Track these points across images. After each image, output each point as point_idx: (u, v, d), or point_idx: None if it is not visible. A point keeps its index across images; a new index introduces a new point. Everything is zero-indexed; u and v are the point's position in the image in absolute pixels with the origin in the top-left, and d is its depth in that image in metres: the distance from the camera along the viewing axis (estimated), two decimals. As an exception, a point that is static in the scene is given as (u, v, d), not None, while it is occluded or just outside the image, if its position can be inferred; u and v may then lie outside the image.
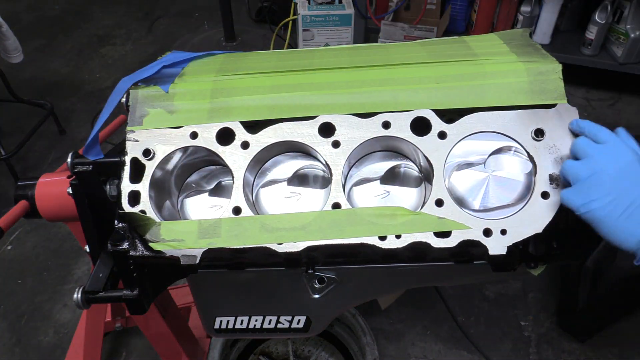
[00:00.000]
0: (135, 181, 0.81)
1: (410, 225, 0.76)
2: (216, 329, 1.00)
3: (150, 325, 1.37)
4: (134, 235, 0.80)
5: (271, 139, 0.82)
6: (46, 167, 2.67)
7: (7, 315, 2.01)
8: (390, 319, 1.96)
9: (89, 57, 3.52)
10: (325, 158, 0.81)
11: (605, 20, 2.70)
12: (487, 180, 0.81)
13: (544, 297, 2.03)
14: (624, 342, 1.88)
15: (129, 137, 0.83)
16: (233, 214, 0.79)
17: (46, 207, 1.01)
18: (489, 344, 1.88)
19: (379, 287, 0.97)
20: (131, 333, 1.92)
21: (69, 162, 0.85)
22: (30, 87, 3.20)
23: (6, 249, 2.27)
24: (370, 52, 0.96)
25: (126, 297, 0.83)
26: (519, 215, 0.76)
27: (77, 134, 2.87)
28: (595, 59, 2.85)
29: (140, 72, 0.89)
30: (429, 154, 0.79)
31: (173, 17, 3.96)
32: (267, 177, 0.88)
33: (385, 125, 0.81)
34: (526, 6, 2.85)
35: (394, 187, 0.86)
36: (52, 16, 4.00)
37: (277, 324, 0.99)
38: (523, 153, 0.80)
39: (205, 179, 0.92)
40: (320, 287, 0.91)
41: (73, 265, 2.19)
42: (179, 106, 0.85)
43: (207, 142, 0.83)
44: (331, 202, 0.78)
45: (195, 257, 0.78)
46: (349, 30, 2.85)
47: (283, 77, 0.87)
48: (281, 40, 3.37)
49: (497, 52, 0.88)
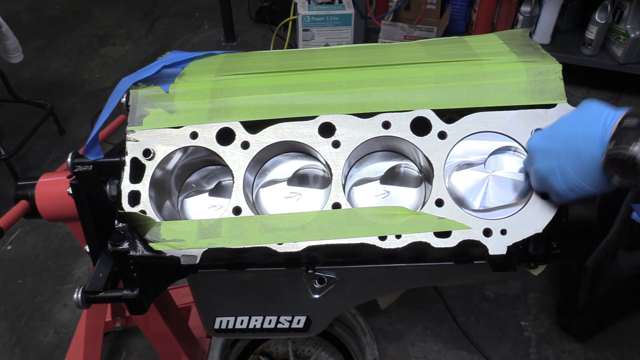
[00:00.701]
0: (135, 181, 0.81)
1: (410, 225, 0.76)
2: (216, 329, 1.00)
3: (150, 325, 1.37)
4: (134, 235, 0.80)
5: (271, 139, 0.82)
6: (46, 167, 2.67)
7: (7, 315, 2.01)
8: (390, 319, 1.96)
9: (89, 57, 3.52)
10: (325, 158, 0.81)
11: (605, 20, 2.70)
12: (487, 180, 0.81)
13: (544, 297, 2.03)
14: (624, 342, 1.88)
15: (129, 137, 0.83)
16: (233, 214, 0.79)
17: (46, 207, 1.01)
18: (489, 344, 1.88)
19: (379, 287, 0.97)
20: (131, 333, 1.92)
21: (69, 162, 0.85)
22: (30, 87, 3.20)
23: (6, 249, 2.27)
24: (371, 52, 0.96)
25: (126, 297, 0.83)
26: (519, 215, 0.76)
27: (77, 134, 2.87)
28: (595, 59, 2.85)
29: (140, 72, 0.89)
30: (429, 154, 0.79)
31: (173, 17, 3.96)
32: (267, 177, 0.88)
33: (385, 125, 0.81)
34: (526, 6, 2.85)
35: (394, 187, 0.86)
36: (52, 16, 4.00)
37: (277, 324, 0.99)
38: (523, 153, 0.80)
39: (205, 179, 0.92)
40: (320, 287, 0.91)
41: (73, 265, 2.19)
42: (179, 106, 0.85)
43: (207, 142, 0.83)
44: (331, 202, 0.78)
45: (195, 257, 0.78)
46: (349, 30, 2.85)
47: (283, 77, 0.87)
48: (281, 40, 3.37)
49: (497, 52, 0.88)
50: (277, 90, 0.85)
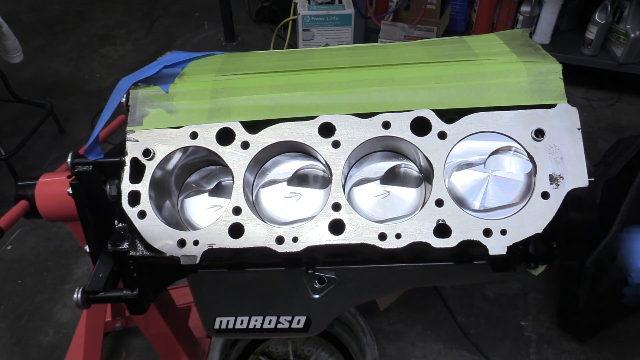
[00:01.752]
0: (135, 181, 0.81)
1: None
2: (216, 329, 1.00)
3: (150, 325, 1.37)
4: (134, 235, 0.80)
5: (271, 139, 0.82)
6: (46, 167, 2.67)
7: (7, 315, 2.01)
8: (390, 319, 1.96)
9: (89, 57, 3.52)
10: (325, 158, 0.81)
11: (605, 20, 2.70)
12: (487, 180, 0.81)
13: (544, 297, 2.03)
14: (624, 342, 1.88)
15: (129, 137, 0.83)
16: (233, 214, 0.79)
17: (46, 207, 1.01)
18: (489, 344, 1.88)
19: (379, 287, 0.97)
20: (131, 333, 1.92)
21: (69, 162, 0.85)
22: (30, 87, 3.20)
23: (6, 249, 2.27)
24: (370, 52, 0.96)
25: (126, 297, 0.83)
26: (519, 215, 0.76)
27: (77, 134, 2.87)
28: (595, 59, 2.85)
29: (141, 72, 0.89)
30: (429, 154, 0.79)
31: (173, 17, 3.96)
32: (267, 177, 0.88)
33: (385, 125, 0.81)
34: (526, 6, 2.85)
35: (394, 187, 0.86)
36: (52, 16, 4.00)
37: (277, 324, 0.99)
38: (523, 153, 0.80)
39: (205, 179, 0.92)
40: (320, 287, 0.91)
41: (73, 265, 2.19)
42: (179, 106, 0.85)
43: (207, 142, 0.83)
44: (331, 202, 0.78)
45: (195, 257, 0.78)
46: (349, 30, 2.85)
47: (283, 77, 0.87)
48: (281, 40, 3.37)
49: (497, 52, 0.88)
50: (277, 90, 0.85)
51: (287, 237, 0.77)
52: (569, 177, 0.76)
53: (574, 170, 0.76)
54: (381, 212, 0.84)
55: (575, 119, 0.78)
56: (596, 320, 1.86)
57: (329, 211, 0.78)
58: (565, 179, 0.76)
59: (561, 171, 0.76)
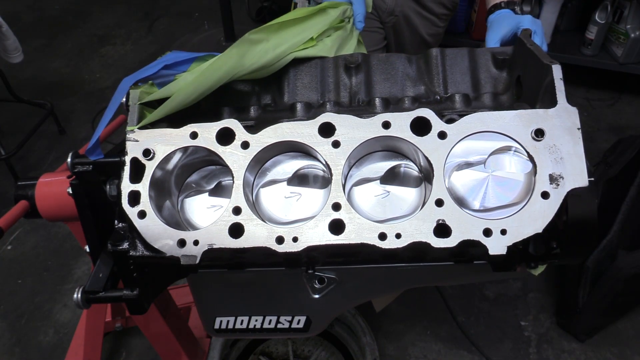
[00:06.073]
0: (135, 181, 0.81)
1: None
2: (216, 329, 1.00)
3: (150, 325, 1.37)
4: (134, 235, 0.80)
5: (271, 139, 0.82)
6: (46, 167, 2.67)
7: (7, 315, 2.01)
8: (390, 319, 1.96)
9: (89, 57, 3.52)
10: (325, 158, 0.81)
11: (605, 20, 2.70)
12: (487, 180, 0.81)
13: (544, 297, 2.03)
14: (624, 342, 1.88)
15: (129, 137, 0.83)
16: (233, 214, 0.79)
17: (46, 207, 1.01)
18: (489, 344, 1.88)
19: (379, 287, 0.97)
20: (131, 333, 1.92)
21: (69, 162, 0.85)
22: (30, 87, 3.20)
23: (6, 249, 2.27)
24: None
25: (126, 297, 0.83)
26: (519, 215, 0.76)
27: (77, 134, 2.87)
28: (595, 59, 2.85)
29: (141, 72, 0.89)
30: (429, 154, 0.79)
31: (173, 17, 3.96)
32: (267, 177, 0.88)
33: (385, 125, 0.80)
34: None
35: (394, 187, 0.86)
36: (52, 16, 4.00)
37: (277, 324, 0.99)
38: (523, 153, 0.80)
39: (205, 179, 0.92)
40: (320, 287, 0.91)
41: (73, 265, 2.19)
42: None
43: (207, 142, 0.83)
44: (331, 202, 0.78)
45: (195, 257, 0.78)
46: (349, 30, 2.84)
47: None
48: (281, 40, 3.36)
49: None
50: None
51: (287, 237, 0.77)
52: (569, 177, 0.76)
53: (574, 170, 0.76)
54: (381, 212, 0.84)
55: (575, 118, 0.78)
56: (596, 320, 1.86)
57: (329, 211, 0.78)
58: (565, 178, 0.76)
59: (561, 171, 0.76)
